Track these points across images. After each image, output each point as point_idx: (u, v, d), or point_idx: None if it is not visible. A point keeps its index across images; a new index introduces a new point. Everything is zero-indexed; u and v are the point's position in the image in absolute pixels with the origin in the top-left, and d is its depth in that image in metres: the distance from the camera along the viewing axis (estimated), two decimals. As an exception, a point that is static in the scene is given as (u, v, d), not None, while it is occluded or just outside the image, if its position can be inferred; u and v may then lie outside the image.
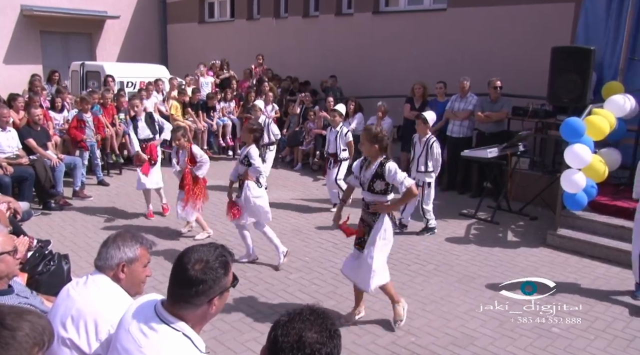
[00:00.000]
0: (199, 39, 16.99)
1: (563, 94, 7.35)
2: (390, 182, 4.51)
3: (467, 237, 7.16)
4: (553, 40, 8.17)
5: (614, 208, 6.78)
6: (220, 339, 4.50)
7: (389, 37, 11.93)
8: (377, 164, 4.53)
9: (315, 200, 8.66)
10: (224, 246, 2.15)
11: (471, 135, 9.03)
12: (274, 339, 1.66)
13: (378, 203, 4.59)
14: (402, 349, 4.42)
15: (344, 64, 12.57)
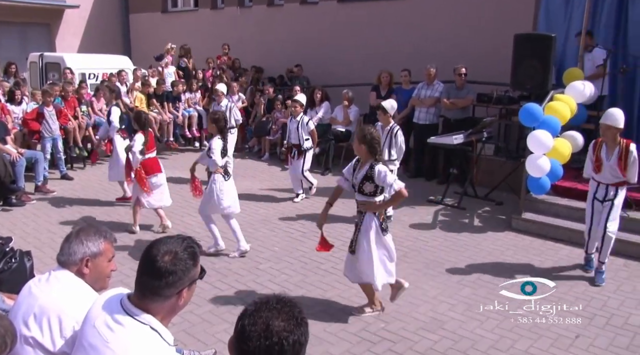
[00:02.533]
0: (163, 29, 16.69)
1: (525, 80, 7.46)
2: (379, 184, 4.52)
3: (434, 223, 7.25)
4: (516, 27, 8.27)
5: (575, 191, 6.94)
6: (190, 331, 4.48)
7: (354, 25, 11.93)
8: (367, 167, 4.54)
9: (283, 190, 8.65)
10: (191, 238, 2.13)
11: (437, 122, 9.12)
12: (241, 328, 1.65)
13: (367, 204, 4.61)
14: (372, 335, 4.46)
15: (310, 53, 12.52)
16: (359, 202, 4.66)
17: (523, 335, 4.50)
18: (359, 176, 4.58)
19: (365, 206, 4.60)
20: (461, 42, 10.06)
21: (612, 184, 5.38)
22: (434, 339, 4.42)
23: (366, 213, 4.61)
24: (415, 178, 9.28)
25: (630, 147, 5.23)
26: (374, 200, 4.59)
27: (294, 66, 12.38)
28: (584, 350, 4.30)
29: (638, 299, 5.16)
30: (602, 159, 5.35)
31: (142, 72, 11.97)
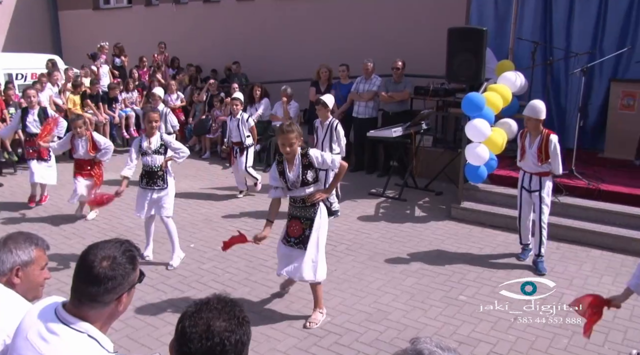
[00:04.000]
0: (95, 27, 16.14)
1: (460, 72, 7.64)
2: (320, 167, 4.46)
3: (376, 215, 7.35)
4: (449, 21, 8.44)
5: (510, 179, 7.17)
6: (133, 336, 4.38)
7: (292, 21, 11.91)
8: (298, 158, 4.42)
9: (225, 188, 8.56)
10: (129, 241, 2.08)
11: (376, 116, 9.23)
12: (181, 330, 1.63)
13: (316, 193, 4.50)
14: (318, 330, 4.48)
15: (249, 50, 12.42)
16: (307, 197, 4.50)
17: (465, 320, 4.63)
18: (296, 171, 4.44)
19: (316, 195, 4.49)
20: (397, 36, 10.20)
21: (535, 173, 5.58)
22: (379, 330, 4.48)
23: (318, 204, 4.53)
24: (356, 172, 9.37)
25: (551, 137, 5.43)
26: (320, 186, 4.58)
27: (232, 63, 12.25)
28: (521, 331, 4.46)
29: (569, 279, 5.41)
30: (526, 147, 5.56)
31: (74, 72, 11.55)
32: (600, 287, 5.21)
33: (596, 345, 4.26)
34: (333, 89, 9.46)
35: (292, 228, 4.59)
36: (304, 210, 4.55)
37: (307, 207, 4.53)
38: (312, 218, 4.52)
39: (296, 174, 4.44)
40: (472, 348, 4.22)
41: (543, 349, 4.23)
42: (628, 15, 8.01)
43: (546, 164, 5.49)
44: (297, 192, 4.51)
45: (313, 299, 4.70)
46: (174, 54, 13.19)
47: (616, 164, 7.72)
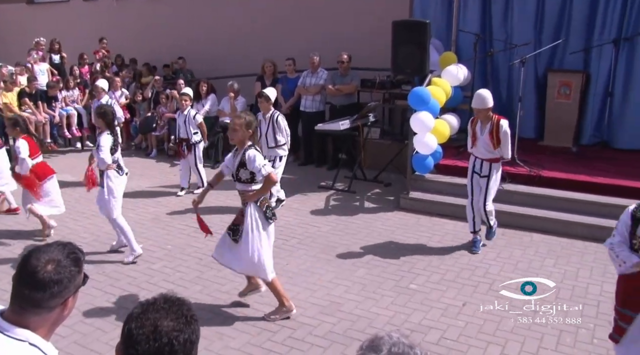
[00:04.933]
0: (30, 22, 15.51)
1: (405, 65, 7.74)
2: (251, 169, 4.45)
3: (326, 208, 7.39)
4: (393, 14, 8.51)
5: (456, 169, 7.35)
6: (82, 342, 4.26)
7: (237, 16, 11.77)
8: (241, 153, 4.47)
9: (173, 186, 8.41)
10: (71, 243, 2.01)
11: (324, 110, 9.27)
12: (127, 332, 1.59)
13: (244, 193, 4.55)
14: (271, 325, 4.48)
15: (194, 45, 12.18)
16: (239, 192, 4.60)
17: (416, 308, 4.73)
18: (236, 163, 4.52)
19: (244, 196, 4.54)
20: (343, 30, 10.24)
21: (486, 159, 5.75)
22: (332, 322, 4.52)
23: (249, 204, 4.51)
24: (305, 165, 9.39)
25: (501, 122, 5.61)
26: (250, 189, 4.52)
27: (177, 59, 12.02)
28: (470, 316, 4.59)
29: (514, 263, 5.60)
30: (477, 134, 5.71)
31: (8, 70, 11.07)
32: (542, 270, 5.42)
33: (540, 325, 4.43)
34: (279, 83, 9.43)
35: (238, 216, 4.67)
36: (243, 204, 4.62)
37: (246, 204, 4.57)
38: (244, 214, 4.55)
39: (235, 166, 4.54)
40: (423, 335, 4.31)
41: (490, 331, 4.36)
42: (562, 8, 8.31)
43: (498, 149, 5.66)
44: (236, 185, 4.62)
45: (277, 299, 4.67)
46: (117, 50, 12.83)
47: (555, 152, 8.02)
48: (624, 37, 7.92)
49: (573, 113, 8.22)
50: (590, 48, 8.06)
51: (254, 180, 4.49)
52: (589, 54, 8.11)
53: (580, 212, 6.43)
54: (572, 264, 5.57)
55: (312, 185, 8.23)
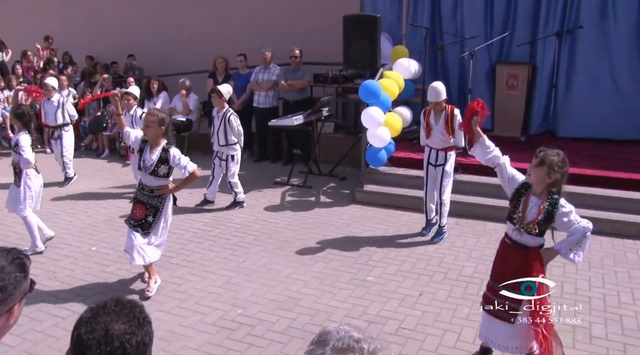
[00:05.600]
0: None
1: (357, 59, 7.79)
2: (174, 166, 4.73)
3: (282, 204, 7.37)
4: (345, 8, 8.54)
5: (409, 161, 7.44)
6: (33, 350, 4.11)
7: (187, 12, 11.57)
8: (160, 150, 4.68)
9: (126, 186, 8.22)
10: (15, 248, 1.94)
11: (277, 105, 9.22)
12: (77, 338, 1.53)
13: (164, 186, 4.79)
14: (230, 323, 4.44)
15: (144, 42, 11.91)
16: (153, 187, 4.77)
17: (374, 300, 4.77)
18: (153, 158, 4.68)
19: (162, 189, 4.77)
20: (294, 25, 10.20)
21: (441, 148, 5.85)
22: (291, 317, 4.51)
23: (166, 197, 4.82)
24: (260, 162, 9.35)
25: (455, 111, 5.74)
26: (168, 182, 4.81)
27: (127, 56, 11.74)
28: (427, 305, 4.66)
29: (468, 252, 5.72)
30: (432, 125, 5.80)
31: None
32: (495, 258, 5.54)
33: (494, 312, 4.53)
34: (231, 79, 9.34)
35: (135, 211, 4.85)
36: (150, 198, 4.82)
37: (155, 196, 4.80)
38: (158, 207, 4.81)
39: (151, 162, 4.69)
40: (381, 326, 4.36)
41: (447, 319, 4.44)
42: (509, 1, 8.50)
43: (452, 138, 5.78)
44: (147, 179, 4.76)
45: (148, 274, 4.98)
46: (64, 48, 12.43)
47: (504, 141, 8.08)
48: (566, 29, 8.17)
49: (520, 104, 8.44)
50: (535, 41, 8.28)
51: (169, 175, 4.80)
52: (534, 46, 8.33)
53: (529, 199, 6.60)
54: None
55: (267, 182, 8.19)
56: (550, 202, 3.39)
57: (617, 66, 8.03)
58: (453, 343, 4.13)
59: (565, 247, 3.44)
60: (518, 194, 3.54)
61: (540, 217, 3.39)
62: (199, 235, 6.30)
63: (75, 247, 5.96)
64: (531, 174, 3.44)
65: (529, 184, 3.51)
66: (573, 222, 3.39)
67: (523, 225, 3.44)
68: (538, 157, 3.39)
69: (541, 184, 3.41)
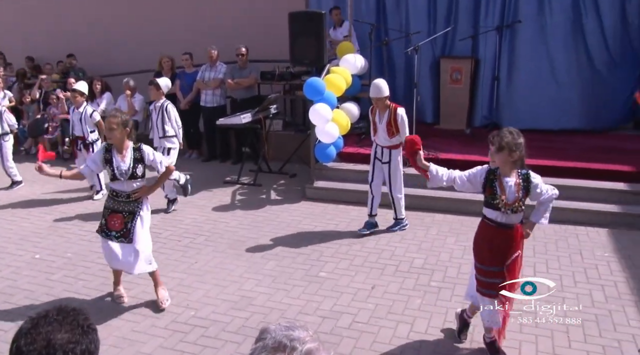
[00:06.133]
0: None
1: (303, 56, 7.79)
2: (149, 164, 4.57)
3: (233, 203, 7.31)
4: (290, 5, 8.52)
5: (358, 156, 7.51)
6: (-28, 366, 3.96)
7: (131, 10, 11.30)
8: (130, 151, 4.51)
9: (71, 191, 7.97)
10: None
11: (224, 104, 9.14)
12: (16, 351, 1.47)
13: (141, 188, 4.60)
14: (183, 325, 4.38)
15: (86, 43, 11.56)
16: (130, 192, 4.56)
17: (327, 295, 4.79)
18: (127, 162, 4.49)
19: (140, 191, 4.58)
20: (239, 22, 10.12)
21: (386, 146, 5.92)
22: (245, 317, 4.49)
23: (143, 200, 4.62)
24: (209, 161, 9.24)
25: (398, 110, 5.80)
26: (143, 184, 4.63)
27: (67, 56, 11.37)
28: (379, 298, 4.72)
29: (418, 244, 5.82)
30: (377, 123, 5.87)
31: None
32: (445, 248, 5.68)
33: (444, 301, 4.64)
34: (177, 78, 9.20)
35: (112, 222, 4.60)
36: (127, 204, 4.60)
37: (131, 201, 4.59)
38: (135, 211, 4.59)
39: (127, 165, 4.49)
40: (335, 321, 4.38)
41: (399, 311, 4.51)
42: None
43: (396, 136, 5.83)
44: (124, 185, 4.54)
45: (153, 283, 4.77)
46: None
47: (450, 134, 8.41)
48: (505, 24, 8.42)
49: (465, 97, 8.66)
50: (477, 35, 8.49)
51: (145, 174, 4.61)
52: (476, 40, 8.54)
53: (476, 190, 6.77)
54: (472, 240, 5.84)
55: (217, 181, 8.11)
56: (522, 178, 3.61)
57: (555, 58, 8.33)
58: (406, 334, 4.20)
59: (540, 216, 3.74)
60: (488, 181, 3.66)
61: (521, 193, 3.59)
62: (148, 238, 6.18)
63: (17, 256, 5.74)
64: (495, 160, 3.60)
65: (493, 169, 3.65)
66: (544, 192, 3.65)
67: (509, 206, 3.59)
68: (494, 143, 3.56)
69: (507, 164, 3.58)
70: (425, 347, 4.03)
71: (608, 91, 8.39)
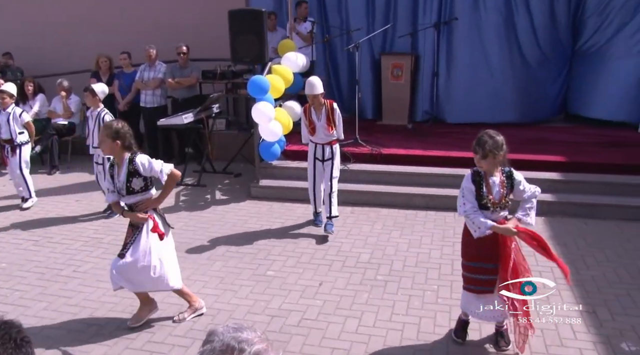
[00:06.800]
0: None
1: (244, 54, 7.72)
2: (148, 175, 4.15)
3: (177, 205, 7.18)
4: (230, 3, 8.42)
5: (303, 153, 7.46)
6: None
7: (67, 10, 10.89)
8: (126, 163, 4.11)
9: (3, 198, 7.64)
10: None
11: (165, 104, 8.95)
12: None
13: (145, 201, 4.21)
14: (128, 332, 4.26)
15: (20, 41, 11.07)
16: (134, 205, 4.20)
17: (275, 294, 4.78)
18: (122, 177, 4.13)
19: (144, 205, 4.20)
20: (179, 21, 9.93)
21: (326, 143, 5.95)
22: (192, 319, 4.43)
23: (148, 213, 4.21)
24: (151, 163, 9.02)
25: (334, 105, 5.88)
26: (149, 195, 4.24)
27: (2, 55, 10.83)
28: (327, 294, 4.75)
29: (364, 239, 5.89)
30: (315, 121, 5.88)
31: None
32: (390, 242, 5.78)
33: (391, 294, 4.72)
34: (116, 78, 8.96)
35: (127, 235, 4.30)
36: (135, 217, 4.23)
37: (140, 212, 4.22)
38: (140, 226, 4.20)
39: (122, 181, 4.14)
40: (284, 319, 4.39)
41: (347, 306, 4.55)
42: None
43: (334, 131, 5.87)
44: (125, 199, 4.22)
45: None
46: None
47: (393, 130, 8.55)
48: (442, 21, 8.62)
49: (406, 93, 8.82)
50: (416, 32, 8.65)
51: (148, 187, 4.21)
52: (415, 37, 8.70)
53: (419, 184, 6.93)
54: (416, 233, 6.00)
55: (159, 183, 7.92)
56: (506, 176, 3.72)
57: (489, 54, 8.60)
58: (355, 329, 4.24)
59: (525, 213, 3.77)
60: (476, 184, 3.71)
61: (505, 190, 3.70)
62: (90, 244, 6.01)
63: None
64: (482, 165, 3.68)
65: (477, 171, 3.74)
66: (526, 189, 3.73)
67: (497, 205, 3.69)
68: (478, 152, 3.64)
69: (493, 167, 3.69)
70: (373, 340, 4.08)
71: (540, 85, 8.75)
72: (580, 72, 8.75)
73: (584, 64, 8.71)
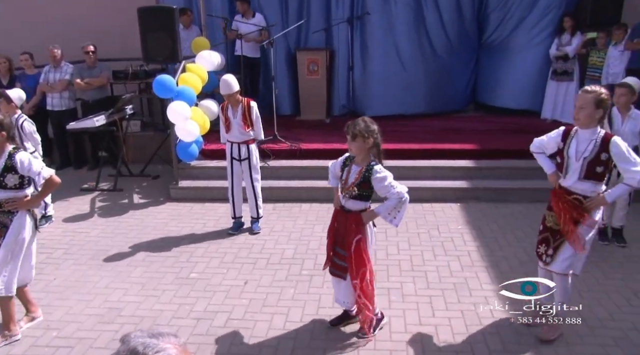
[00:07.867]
0: None
1: (156, 53, 7.50)
2: (25, 174, 3.98)
3: (92, 211, 6.89)
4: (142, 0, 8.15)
5: (222, 152, 7.35)
6: None
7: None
8: (5, 156, 3.93)
9: None
10: None
11: (75, 106, 8.53)
12: None
13: (17, 199, 4.02)
14: (44, 349, 4.06)
15: None
16: (4, 201, 4.00)
17: (200, 296, 4.71)
18: None
19: (16, 204, 4.02)
20: (84, 20, 9.50)
21: (242, 142, 5.85)
22: (114, 329, 4.27)
23: (17, 212, 4.03)
24: (62, 169, 8.58)
25: (251, 103, 5.80)
26: (23, 194, 4.06)
27: None
28: (253, 293, 4.73)
29: (287, 235, 5.91)
30: (230, 118, 5.80)
31: None
32: (313, 236, 5.82)
33: (317, 288, 4.76)
34: (18, 81, 8.46)
35: None
36: (6, 214, 4.04)
37: (4, 212, 4.04)
38: (6, 224, 4.03)
39: None
40: (210, 321, 4.32)
41: (274, 303, 4.56)
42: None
43: (251, 130, 5.81)
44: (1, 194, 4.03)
45: None
46: None
47: (312, 125, 8.61)
48: (355, 16, 8.76)
49: (322, 87, 8.91)
50: (330, 27, 8.74)
51: (23, 185, 4.03)
52: (329, 32, 8.79)
53: (338, 177, 7.01)
54: (338, 226, 6.07)
55: (73, 189, 7.59)
56: (367, 169, 3.76)
57: (401, 48, 8.83)
58: (282, 325, 4.25)
59: (384, 211, 3.84)
60: (343, 166, 3.91)
61: (358, 180, 3.76)
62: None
63: None
64: (352, 148, 3.78)
65: (350, 156, 3.88)
66: (389, 187, 3.75)
67: (346, 190, 3.81)
68: (349, 132, 3.74)
69: (363, 152, 3.76)
70: (301, 335, 4.11)
71: (451, 76, 9.09)
72: (487, 64, 9.17)
73: (490, 55, 9.14)
